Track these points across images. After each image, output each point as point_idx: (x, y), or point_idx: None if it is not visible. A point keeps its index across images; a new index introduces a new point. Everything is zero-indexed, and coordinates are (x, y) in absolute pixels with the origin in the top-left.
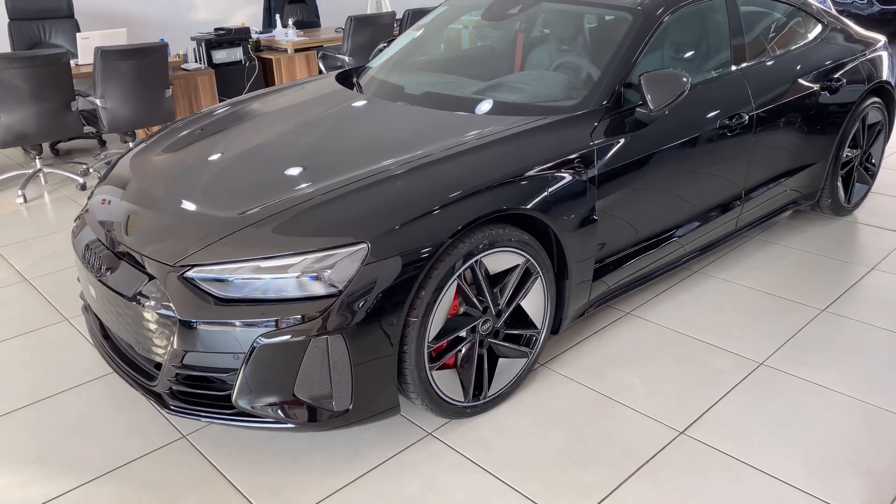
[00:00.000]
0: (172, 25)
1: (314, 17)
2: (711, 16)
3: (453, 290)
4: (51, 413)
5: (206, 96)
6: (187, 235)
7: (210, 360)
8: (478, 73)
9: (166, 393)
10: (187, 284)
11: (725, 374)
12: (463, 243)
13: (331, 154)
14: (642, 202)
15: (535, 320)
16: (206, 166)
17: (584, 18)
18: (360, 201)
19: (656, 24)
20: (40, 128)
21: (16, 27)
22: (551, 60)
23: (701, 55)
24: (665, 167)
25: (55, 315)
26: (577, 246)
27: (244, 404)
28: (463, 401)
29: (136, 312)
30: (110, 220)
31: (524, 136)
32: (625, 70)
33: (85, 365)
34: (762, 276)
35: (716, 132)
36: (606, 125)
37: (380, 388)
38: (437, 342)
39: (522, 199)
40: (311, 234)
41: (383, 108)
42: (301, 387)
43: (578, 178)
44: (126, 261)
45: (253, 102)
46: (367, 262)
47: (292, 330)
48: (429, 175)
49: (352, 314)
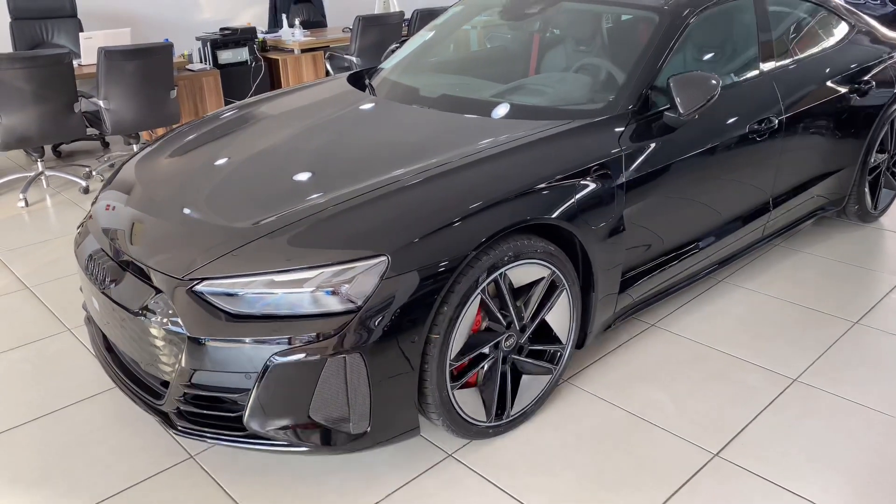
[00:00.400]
0: (177, 25)
1: (320, 17)
2: (739, 16)
3: (476, 305)
4: (52, 431)
5: (212, 97)
6: (196, 246)
7: (220, 379)
8: (496, 75)
9: (173, 412)
10: (196, 299)
11: (758, 392)
12: (487, 255)
13: (346, 160)
14: (670, 210)
15: (560, 335)
16: (216, 172)
17: (607, 19)
18: (378, 211)
19: (683, 25)
20: (42, 130)
21: (18, 27)
22: (573, 62)
23: (728, 57)
24: (693, 174)
25: (57, 325)
26: (604, 257)
27: (256, 426)
28: (485, 421)
29: (141, 328)
30: (114, 228)
31: (549, 142)
32: (652, 72)
33: (88, 378)
34: (789, 286)
35: (745, 137)
36: (634, 130)
37: (399, 408)
38: (459, 360)
39: (548, 208)
40: (328, 246)
41: (398, 112)
42: (317, 408)
43: (607, 186)
44: (131, 272)
45: (262, 105)
46: (387, 276)
47: (308, 348)
48: (450, 183)
49: (371, 331)
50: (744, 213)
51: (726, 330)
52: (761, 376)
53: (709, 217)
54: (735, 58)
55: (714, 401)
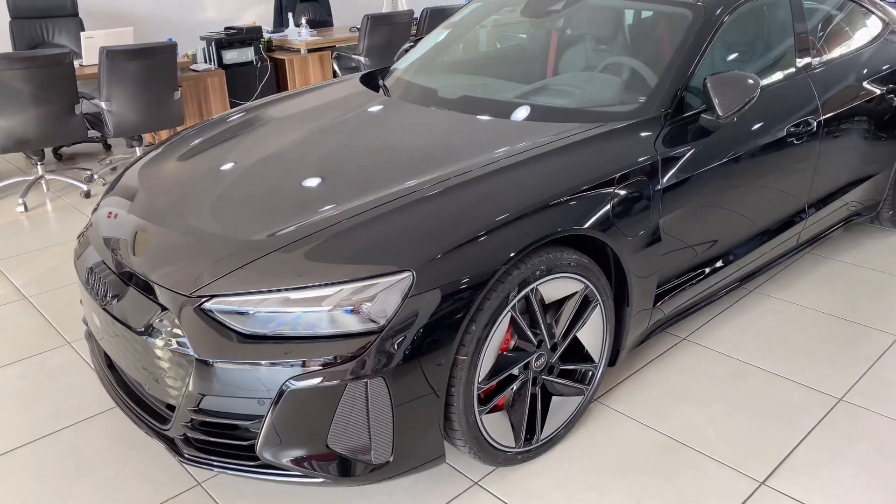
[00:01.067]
0: (180, 24)
1: (326, 16)
2: (775, 13)
3: (506, 323)
4: (49, 455)
5: (217, 98)
6: (204, 260)
7: (231, 405)
8: (518, 75)
9: (180, 439)
10: (205, 317)
11: (802, 412)
12: (518, 270)
13: (362, 167)
14: (707, 218)
15: (593, 353)
16: (224, 179)
17: (635, 15)
18: (400, 224)
19: (719, 22)
20: (42, 132)
21: (17, 26)
22: (599, 61)
23: (763, 55)
24: (731, 179)
25: (56, 338)
26: (639, 268)
27: (270, 456)
28: (514, 446)
29: (145, 348)
30: (116, 238)
31: (580, 147)
32: (686, 72)
33: (89, 396)
34: (824, 296)
35: (782, 141)
36: (669, 133)
37: (424, 436)
38: (487, 382)
39: (580, 217)
40: (347, 260)
41: (416, 114)
42: (335, 437)
43: (642, 193)
44: (134, 287)
45: (273, 107)
46: (412, 294)
47: (326, 372)
48: (477, 192)
49: (394, 354)
50: (781, 221)
51: (761, 344)
52: (804, 395)
53: (746, 225)
54: (770, 56)
55: (756, 422)
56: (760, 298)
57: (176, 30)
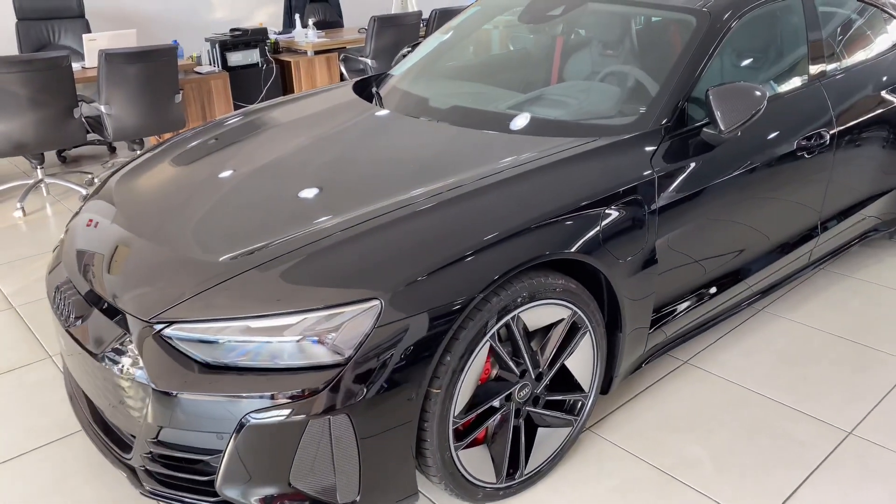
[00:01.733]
0: (188, 25)
1: (337, 17)
2: (786, 19)
3: (485, 353)
4: (16, 478)
5: (220, 101)
6: (169, 282)
7: (190, 438)
8: (514, 83)
9: (141, 470)
10: (164, 345)
11: (808, 447)
12: (498, 297)
13: (343, 183)
14: (708, 238)
15: (583, 382)
16: (202, 192)
17: (637, 21)
18: (373, 245)
19: (725, 29)
20: (40, 136)
21: (23, 27)
22: (598, 70)
23: (774, 64)
24: (734, 197)
25: (38, 351)
26: (633, 292)
27: (231, 493)
28: (495, 482)
29: (105, 374)
30: (87, 251)
31: (572, 163)
32: (689, 83)
33: (63, 415)
34: (838, 318)
35: (792, 155)
36: (668, 149)
37: (394, 474)
38: (465, 416)
39: (569, 240)
40: (316, 285)
41: (404, 126)
42: (298, 475)
43: (637, 214)
44: (98, 309)
45: (261, 116)
46: (381, 324)
47: (287, 407)
48: (456, 214)
49: (359, 388)
50: (789, 239)
51: (767, 368)
52: (811, 428)
53: (751, 244)
54: (781, 65)
55: (758, 457)
56: (769, 319)
57: (184, 31)
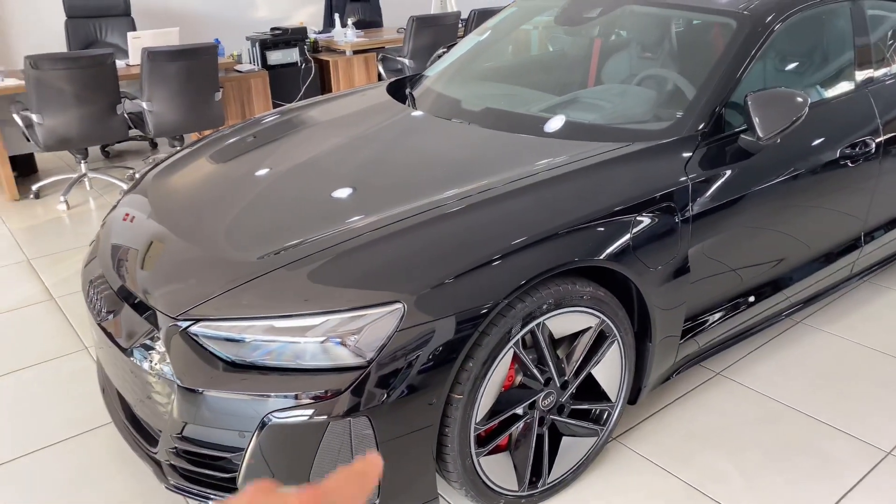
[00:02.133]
0: (231, 24)
1: (377, 17)
2: (832, 23)
3: (508, 360)
4: (48, 466)
5: (259, 99)
6: (199, 279)
7: (213, 435)
8: (548, 86)
9: (166, 464)
10: (191, 342)
11: (844, 466)
12: (522, 303)
13: (372, 185)
14: (743, 248)
15: (609, 392)
16: (236, 191)
17: (675, 24)
18: (398, 249)
19: (766, 33)
20: (84, 131)
21: (72, 25)
22: (634, 73)
23: (819, 70)
24: (772, 206)
25: (75, 343)
26: (664, 302)
27: None
28: (517, 490)
29: (134, 369)
30: (121, 246)
31: (603, 168)
32: (727, 88)
33: (96, 406)
34: (881, 332)
35: (835, 163)
36: (703, 155)
37: (413, 478)
38: (487, 422)
39: (599, 247)
40: (341, 287)
41: (435, 127)
42: (318, 476)
43: (669, 221)
44: (129, 304)
45: (295, 116)
46: (403, 327)
47: (308, 408)
48: (484, 218)
49: (380, 391)
50: (830, 249)
51: (805, 384)
52: (847, 446)
53: (789, 254)
54: (826, 70)
55: (790, 475)
56: (808, 331)
57: (227, 29)
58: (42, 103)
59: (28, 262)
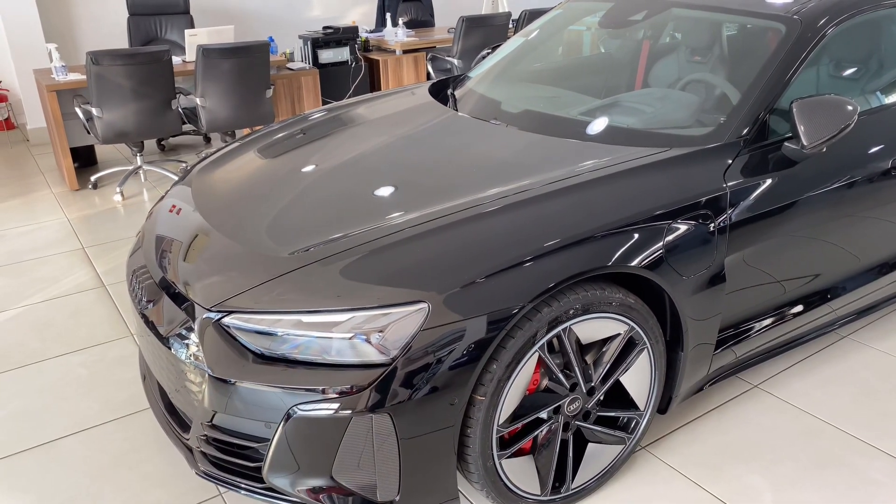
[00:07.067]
0: (285, 22)
1: (429, 17)
2: (888, 29)
3: (533, 363)
4: (90, 447)
5: (310, 97)
6: (235, 272)
7: (241, 424)
8: (589, 89)
9: (198, 451)
10: (223, 334)
11: (880, 488)
12: (549, 307)
13: (410, 185)
14: (785, 258)
15: (638, 400)
16: (278, 187)
17: (722, 28)
18: (427, 249)
19: (817, 38)
20: (140, 125)
21: (134, 22)
22: (678, 77)
23: (870, 77)
24: (816, 215)
25: (121, 329)
26: (697, 311)
27: (275, 481)
28: (539, 494)
29: (169, 357)
30: (164, 237)
31: (640, 173)
32: (773, 94)
33: (137, 391)
34: None
35: (886, 174)
36: (745, 162)
37: (435, 477)
38: (510, 425)
39: (630, 254)
40: (371, 283)
41: (473, 129)
42: (340, 470)
43: (705, 229)
44: (167, 294)
45: (338, 115)
46: (427, 327)
47: (331, 402)
48: (515, 220)
49: (403, 389)
50: (880, 263)
51: (846, 401)
52: (886, 466)
53: (833, 266)
54: (878, 77)
55: (824, 493)
56: (854, 347)
57: (281, 27)
58: (102, 97)
59: (83, 250)
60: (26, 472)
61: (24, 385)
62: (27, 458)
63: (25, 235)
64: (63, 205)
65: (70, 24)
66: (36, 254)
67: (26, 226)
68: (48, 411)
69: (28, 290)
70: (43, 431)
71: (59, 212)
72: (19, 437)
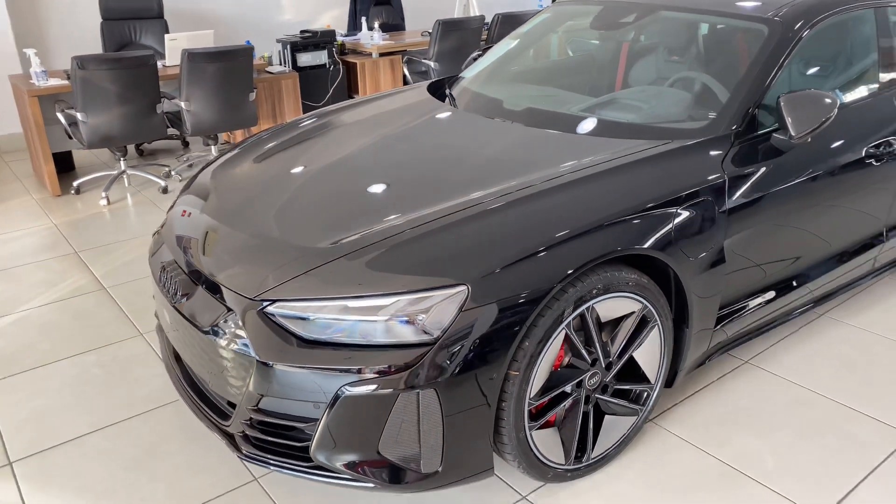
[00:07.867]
0: (259, 26)
1: (399, 20)
2: (858, 28)
3: (560, 341)
4: (119, 441)
5: (290, 100)
6: (270, 264)
7: (288, 406)
8: (585, 88)
9: (239, 435)
10: (267, 321)
11: (869, 447)
12: (574, 287)
13: (426, 178)
14: (774, 240)
15: (649, 374)
16: (294, 184)
17: (707, 30)
18: (459, 237)
19: (796, 38)
20: (125, 130)
21: (108, 27)
22: (668, 75)
23: (844, 72)
24: (802, 201)
25: (130, 329)
26: (701, 289)
27: (323, 459)
28: (564, 463)
29: (210, 347)
30: (188, 237)
31: (645, 164)
32: (759, 90)
33: (157, 387)
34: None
35: (860, 162)
36: (738, 152)
37: (473, 448)
38: (539, 399)
39: (642, 237)
40: (406, 272)
41: (480, 125)
42: (386, 444)
43: (707, 214)
44: (203, 287)
45: (342, 114)
46: (467, 308)
47: (379, 381)
48: (536, 208)
49: (446, 366)
50: (854, 245)
51: (830, 372)
52: (872, 429)
53: (815, 248)
54: (852, 73)
55: (818, 454)
56: (831, 324)
57: (255, 32)
58: (87, 102)
59: (76, 254)
60: (58, 466)
61: (43, 385)
62: (57, 454)
63: (14, 241)
64: (47, 210)
65: (41, 29)
66: (28, 259)
67: (13, 232)
68: (70, 409)
69: (27, 294)
70: (69, 428)
71: (45, 218)
72: (46, 434)
